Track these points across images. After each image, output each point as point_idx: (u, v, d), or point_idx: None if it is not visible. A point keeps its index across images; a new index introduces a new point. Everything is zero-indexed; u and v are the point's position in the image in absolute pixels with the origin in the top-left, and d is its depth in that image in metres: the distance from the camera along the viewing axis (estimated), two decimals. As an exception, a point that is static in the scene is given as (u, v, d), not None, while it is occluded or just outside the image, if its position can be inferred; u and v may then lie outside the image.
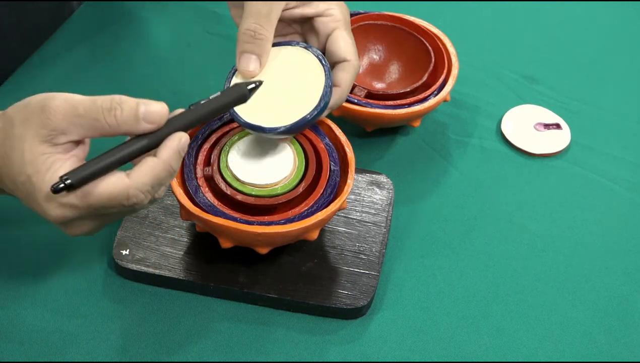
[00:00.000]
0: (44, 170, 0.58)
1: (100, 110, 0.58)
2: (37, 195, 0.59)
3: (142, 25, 1.02)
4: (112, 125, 0.59)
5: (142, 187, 0.59)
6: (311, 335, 0.71)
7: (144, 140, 0.59)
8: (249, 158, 0.72)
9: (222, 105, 0.64)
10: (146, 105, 0.59)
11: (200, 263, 0.74)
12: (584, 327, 0.73)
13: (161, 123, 0.60)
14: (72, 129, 0.59)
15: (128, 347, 0.70)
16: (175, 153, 0.60)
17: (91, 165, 0.58)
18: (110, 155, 0.59)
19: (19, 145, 0.59)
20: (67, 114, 0.58)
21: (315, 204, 0.70)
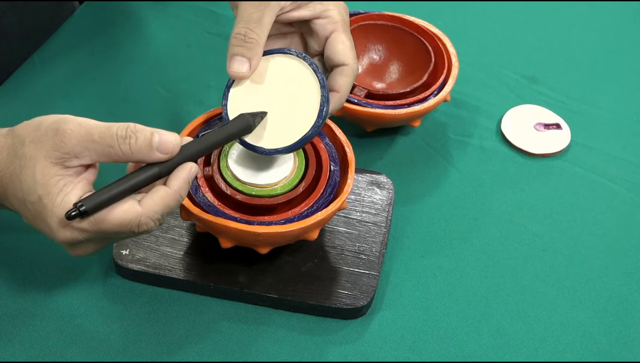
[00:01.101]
0: (56, 192, 0.59)
1: (115, 138, 0.59)
2: (48, 217, 0.60)
3: (142, 25, 1.02)
4: (126, 153, 0.60)
5: (153, 215, 0.60)
6: (311, 335, 0.71)
7: (155, 169, 0.61)
8: (249, 158, 0.72)
9: (229, 135, 0.66)
10: (160, 136, 0.60)
11: (200, 263, 0.74)
12: (584, 327, 0.73)
13: (174, 153, 0.61)
14: (86, 154, 0.60)
15: (128, 347, 0.70)
16: (185, 183, 0.61)
17: (105, 193, 0.59)
18: (123, 183, 0.60)
19: (30, 164, 0.60)
20: (81, 139, 0.59)
21: (315, 204, 0.70)
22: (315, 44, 0.74)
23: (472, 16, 1.07)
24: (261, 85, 0.70)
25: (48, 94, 0.91)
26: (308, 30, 0.74)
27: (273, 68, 0.71)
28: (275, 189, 0.70)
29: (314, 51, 0.75)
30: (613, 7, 1.10)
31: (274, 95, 0.70)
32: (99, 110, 0.90)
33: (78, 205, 0.58)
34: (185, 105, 0.91)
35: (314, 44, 0.74)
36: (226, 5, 0.79)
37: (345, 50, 0.72)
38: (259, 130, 0.69)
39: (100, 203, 0.58)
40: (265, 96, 0.70)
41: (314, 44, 0.74)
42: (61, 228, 0.60)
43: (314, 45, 0.74)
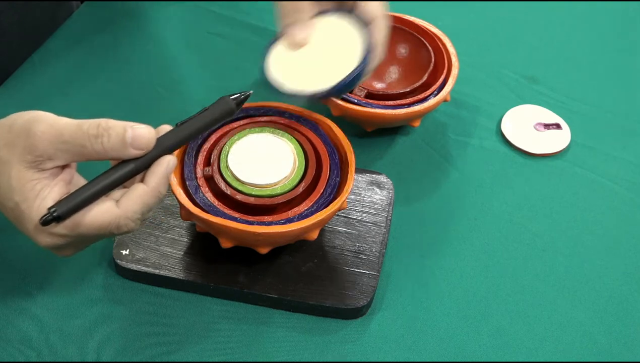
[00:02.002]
0: (32, 197, 0.58)
1: (86, 137, 0.58)
2: (26, 224, 0.59)
3: (142, 25, 1.02)
4: (100, 151, 0.58)
5: (132, 215, 0.59)
6: (311, 335, 0.71)
7: (131, 165, 0.59)
8: (249, 158, 0.72)
9: (210, 121, 0.63)
10: (133, 130, 0.58)
11: (200, 263, 0.74)
12: (584, 327, 0.73)
13: (149, 148, 0.59)
14: (59, 155, 0.58)
15: (128, 347, 0.70)
16: (163, 178, 0.60)
17: (78, 195, 0.57)
18: (97, 183, 0.58)
19: (5, 170, 0.58)
20: (53, 140, 0.58)
21: (315, 204, 0.70)
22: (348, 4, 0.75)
23: (472, 16, 1.07)
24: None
25: (48, 94, 0.91)
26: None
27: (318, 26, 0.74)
28: (275, 189, 0.70)
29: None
30: (613, 7, 1.10)
31: (317, 50, 0.73)
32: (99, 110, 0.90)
33: (52, 211, 0.56)
34: (185, 105, 0.91)
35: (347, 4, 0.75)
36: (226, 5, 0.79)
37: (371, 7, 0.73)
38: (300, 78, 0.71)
39: (73, 207, 0.57)
40: (309, 52, 0.73)
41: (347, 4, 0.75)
42: (40, 234, 0.59)
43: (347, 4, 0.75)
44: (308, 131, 0.76)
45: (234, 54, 0.97)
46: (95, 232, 0.59)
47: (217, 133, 0.75)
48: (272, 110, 0.77)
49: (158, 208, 0.77)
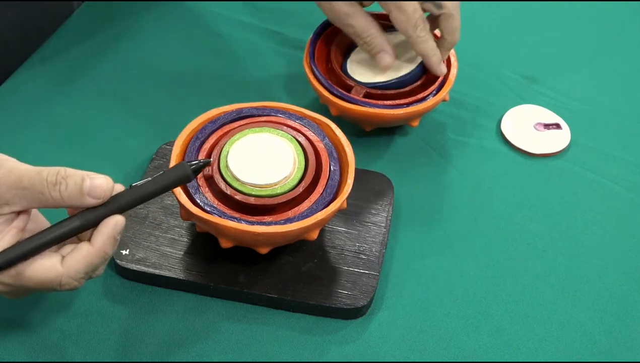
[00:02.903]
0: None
1: (45, 184, 0.58)
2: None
3: (142, 25, 1.02)
4: (57, 199, 0.58)
5: (75, 275, 0.59)
6: (311, 335, 0.71)
7: (76, 222, 0.59)
8: (248, 158, 0.72)
9: (164, 185, 0.62)
10: (91, 180, 0.59)
11: (200, 263, 0.74)
12: (584, 327, 0.73)
13: (106, 198, 0.59)
14: (16, 200, 0.58)
15: (128, 347, 0.70)
16: (109, 239, 0.60)
17: (21, 248, 0.58)
18: (42, 237, 0.59)
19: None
20: (11, 186, 0.58)
21: (315, 204, 0.70)
22: None
23: (472, 16, 1.07)
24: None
25: (48, 94, 0.91)
26: None
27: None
28: (275, 189, 0.70)
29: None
30: (613, 7, 1.10)
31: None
32: (99, 110, 0.90)
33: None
34: (185, 106, 0.91)
35: None
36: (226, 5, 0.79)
37: (402, 27, 0.81)
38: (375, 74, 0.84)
39: (13, 259, 0.57)
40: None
41: None
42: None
43: None
44: (308, 131, 0.76)
45: (234, 54, 0.97)
46: (37, 286, 0.59)
47: (217, 133, 0.75)
48: (272, 110, 0.77)
49: (158, 208, 0.77)
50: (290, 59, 0.80)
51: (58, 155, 0.85)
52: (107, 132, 0.88)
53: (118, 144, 0.86)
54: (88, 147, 0.85)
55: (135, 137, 0.87)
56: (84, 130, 0.88)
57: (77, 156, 0.85)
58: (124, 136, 0.87)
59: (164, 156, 0.83)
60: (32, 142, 0.86)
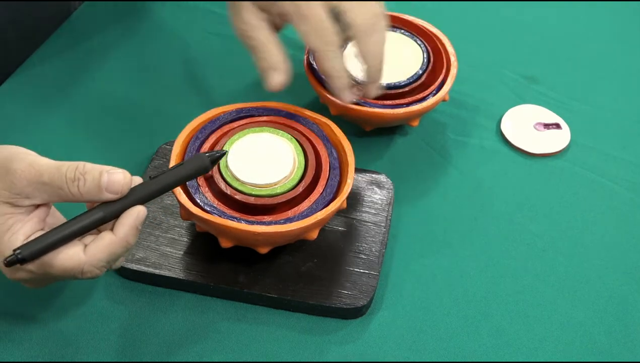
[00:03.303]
0: (4, 231, 0.59)
1: (64, 180, 0.59)
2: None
3: (142, 25, 1.02)
4: (76, 194, 0.59)
5: (97, 263, 0.60)
6: (311, 335, 0.71)
7: (100, 213, 0.60)
8: (248, 158, 0.72)
9: (184, 176, 0.63)
10: (109, 176, 0.59)
11: (200, 263, 0.74)
12: (584, 327, 0.73)
13: (124, 193, 0.60)
14: (37, 194, 0.59)
15: (128, 347, 0.70)
16: (132, 229, 0.60)
17: (45, 240, 0.58)
18: (64, 229, 0.59)
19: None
20: (32, 180, 0.59)
21: (315, 204, 0.70)
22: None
23: (472, 16, 1.07)
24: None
25: (47, 94, 0.91)
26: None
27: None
28: (275, 189, 0.70)
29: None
30: (613, 7, 1.10)
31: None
32: (98, 110, 0.90)
33: (17, 252, 0.57)
34: (185, 105, 0.91)
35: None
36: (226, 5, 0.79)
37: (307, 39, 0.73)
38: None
39: (37, 251, 0.58)
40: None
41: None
42: (7, 268, 0.60)
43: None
44: (307, 131, 0.76)
45: (234, 54, 0.97)
46: (60, 274, 0.60)
47: (217, 133, 0.75)
48: (272, 109, 0.77)
49: (158, 208, 0.77)
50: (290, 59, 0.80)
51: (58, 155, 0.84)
52: (107, 131, 0.88)
53: (118, 144, 0.86)
54: (88, 147, 0.85)
55: (135, 137, 0.87)
56: (84, 130, 0.88)
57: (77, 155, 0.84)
58: (124, 136, 0.87)
59: (164, 156, 0.83)
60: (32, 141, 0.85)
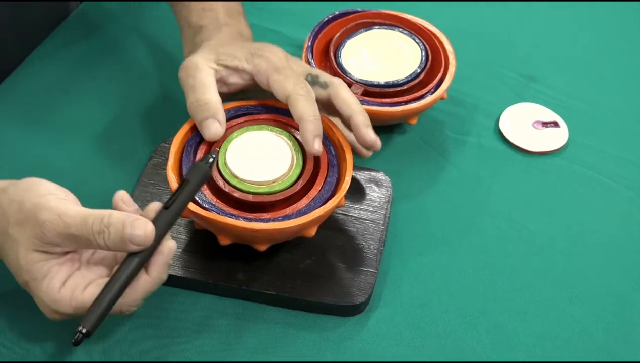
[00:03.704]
0: (40, 278, 0.61)
1: (90, 233, 0.60)
2: (37, 300, 0.63)
3: (142, 25, 1.02)
4: (103, 246, 0.61)
5: (134, 303, 0.63)
6: (309, 332, 0.71)
7: (136, 259, 0.62)
8: (247, 155, 0.72)
9: (193, 190, 0.66)
10: (132, 229, 0.60)
11: (198, 261, 0.74)
12: (582, 325, 0.73)
13: (147, 245, 0.61)
14: (67, 244, 0.61)
15: (128, 347, 0.70)
16: (164, 267, 0.63)
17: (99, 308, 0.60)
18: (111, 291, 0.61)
19: (14, 247, 0.61)
20: (61, 232, 0.60)
21: (313, 201, 0.70)
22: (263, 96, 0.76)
23: (471, 15, 1.07)
24: (374, 48, 0.88)
25: (47, 93, 0.92)
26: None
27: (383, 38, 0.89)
28: (273, 186, 0.71)
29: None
30: (613, 7, 1.10)
31: (382, 53, 0.87)
32: (98, 110, 0.90)
33: (80, 329, 0.59)
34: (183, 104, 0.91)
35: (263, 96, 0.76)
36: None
37: (281, 85, 0.72)
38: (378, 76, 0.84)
39: (98, 320, 0.60)
40: (376, 52, 0.88)
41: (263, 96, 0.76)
42: (49, 312, 0.63)
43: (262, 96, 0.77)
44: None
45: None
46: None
47: (216, 131, 0.75)
48: (270, 107, 0.77)
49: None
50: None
51: (57, 155, 0.85)
52: (106, 130, 0.88)
53: (117, 142, 0.86)
54: (87, 146, 0.86)
55: (134, 135, 0.87)
56: (83, 129, 0.88)
57: (76, 155, 0.85)
58: (123, 134, 0.87)
59: (163, 154, 0.83)
60: (31, 141, 0.86)
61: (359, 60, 0.87)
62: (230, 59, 0.74)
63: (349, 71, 0.86)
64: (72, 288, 0.61)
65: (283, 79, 0.73)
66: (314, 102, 0.72)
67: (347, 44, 0.88)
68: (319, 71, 0.75)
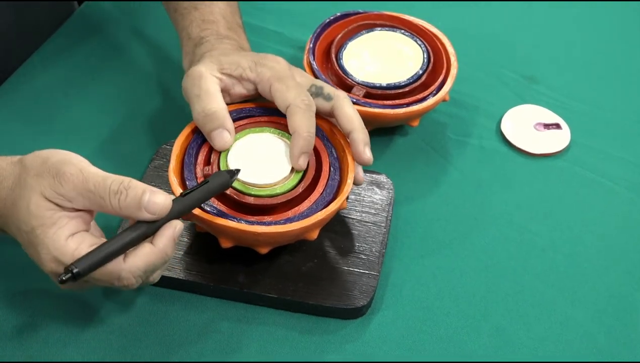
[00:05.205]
0: (49, 224, 0.60)
1: (107, 191, 0.60)
2: (39, 247, 0.61)
3: (142, 25, 1.02)
4: (115, 207, 0.61)
5: (135, 271, 0.61)
6: (311, 335, 0.71)
7: (142, 228, 0.61)
8: (248, 158, 0.72)
9: (210, 191, 0.66)
10: (150, 196, 0.61)
11: (200, 263, 0.74)
12: (584, 327, 0.73)
13: (162, 214, 0.61)
14: (79, 200, 0.61)
15: (128, 347, 0.70)
16: (170, 241, 0.62)
17: (97, 255, 0.60)
18: (113, 244, 0.60)
19: (27, 195, 0.61)
20: (78, 185, 0.60)
21: (315, 204, 0.70)
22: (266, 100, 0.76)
23: (472, 16, 1.07)
24: (376, 50, 0.88)
25: (48, 94, 0.92)
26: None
27: (385, 40, 0.89)
28: (275, 189, 0.70)
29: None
30: (613, 7, 1.10)
31: (383, 55, 0.88)
32: (99, 112, 0.90)
33: (71, 269, 0.58)
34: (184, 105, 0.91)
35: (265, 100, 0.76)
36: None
37: (283, 95, 0.72)
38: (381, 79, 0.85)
39: (90, 266, 0.59)
40: (377, 53, 0.88)
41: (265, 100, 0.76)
42: (49, 262, 0.61)
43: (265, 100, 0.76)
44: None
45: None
46: (97, 277, 0.61)
47: (217, 133, 0.75)
48: (272, 110, 0.77)
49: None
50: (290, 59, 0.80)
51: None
52: (108, 131, 0.88)
53: (118, 144, 0.86)
54: (88, 147, 0.85)
55: (135, 137, 0.87)
56: (84, 130, 0.88)
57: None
58: (124, 136, 0.87)
59: (164, 156, 0.83)
60: (32, 141, 0.86)
61: (361, 61, 0.87)
62: (234, 68, 0.74)
63: (350, 73, 0.85)
64: (79, 242, 0.61)
65: (285, 88, 0.73)
66: (312, 117, 0.72)
67: (348, 45, 0.88)
68: (324, 83, 0.75)
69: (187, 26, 0.83)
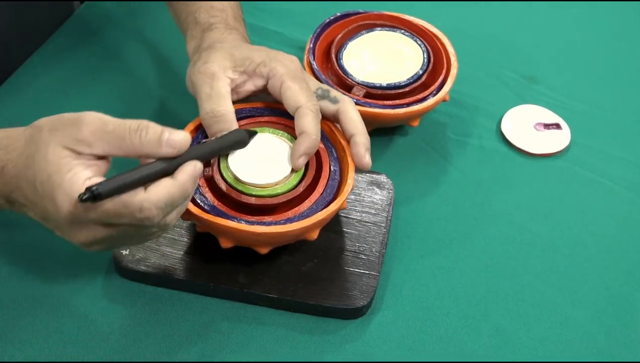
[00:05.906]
0: (66, 170, 0.59)
1: (127, 130, 0.60)
2: (56, 193, 0.59)
3: (142, 25, 1.02)
4: (136, 145, 0.60)
5: (156, 202, 0.60)
6: (311, 335, 0.71)
7: (163, 164, 0.61)
8: (249, 158, 0.72)
9: (228, 144, 0.69)
10: (170, 133, 0.61)
11: (200, 263, 0.74)
12: (584, 327, 0.74)
13: (182, 149, 0.61)
14: (98, 144, 0.60)
15: (128, 347, 0.70)
16: (190, 177, 0.62)
17: (118, 180, 0.59)
18: (134, 173, 0.60)
19: (43, 147, 0.61)
20: (96, 129, 0.60)
21: (315, 204, 0.70)
22: (273, 99, 0.76)
23: (472, 16, 1.07)
24: (377, 49, 0.89)
25: (48, 94, 0.92)
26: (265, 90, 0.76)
27: (386, 40, 0.90)
28: (276, 189, 0.70)
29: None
30: (613, 7, 1.10)
31: (383, 55, 0.88)
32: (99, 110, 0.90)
33: (92, 188, 0.57)
34: (185, 105, 0.91)
35: (273, 99, 0.76)
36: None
37: (295, 94, 0.73)
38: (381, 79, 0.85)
39: (114, 189, 0.58)
40: (378, 53, 0.88)
41: (273, 99, 0.76)
42: (67, 204, 0.59)
43: (271, 99, 0.76)
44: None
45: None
46: (119, 209, 0.59)
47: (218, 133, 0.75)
48: (272, 110, 0.77)
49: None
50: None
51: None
52: (107, 132, 0.88)
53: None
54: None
55: (135, 137, 0.87)
56: (84, 130, 0.88)
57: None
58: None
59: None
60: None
61: (361, 61, 0.87)
62: (247, 62, 0.75)
63: (350, 73, 0.86)
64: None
65: (298, 89, 0.73)
66: (319, 122, 0.72)
67: (348, 45, 0.88)
68: (329, 87, 0.76)
69: (194, 11, 0.83)
